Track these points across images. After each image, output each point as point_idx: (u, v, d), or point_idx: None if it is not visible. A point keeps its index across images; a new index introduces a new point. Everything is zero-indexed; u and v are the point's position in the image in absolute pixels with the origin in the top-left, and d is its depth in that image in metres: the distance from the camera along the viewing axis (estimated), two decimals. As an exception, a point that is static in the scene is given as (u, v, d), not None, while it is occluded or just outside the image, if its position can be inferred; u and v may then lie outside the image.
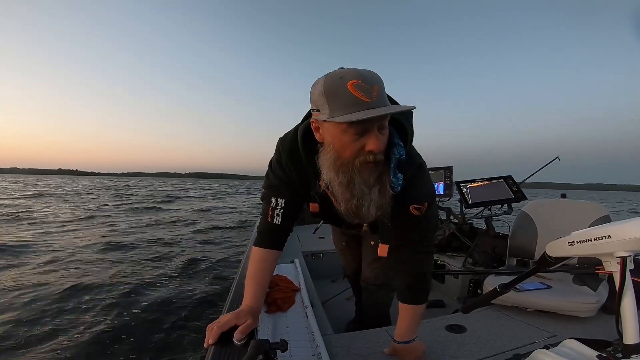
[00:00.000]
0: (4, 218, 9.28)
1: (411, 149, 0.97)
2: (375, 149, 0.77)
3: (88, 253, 5.48)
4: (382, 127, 0.79)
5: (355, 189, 0.84)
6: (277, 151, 1.03)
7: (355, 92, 0.72)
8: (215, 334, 0.93)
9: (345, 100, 0.74)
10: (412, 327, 1.09)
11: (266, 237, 1.09)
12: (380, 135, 0.78)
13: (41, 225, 8.39)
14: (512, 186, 2.47)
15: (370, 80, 0.74)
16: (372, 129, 0.77)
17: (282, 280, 1.55)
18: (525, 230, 1.97)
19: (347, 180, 0.84)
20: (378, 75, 0.77)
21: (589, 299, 1.40)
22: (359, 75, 0.74)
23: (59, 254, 5.29)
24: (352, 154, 0.80)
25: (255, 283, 1.07)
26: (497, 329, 1.35)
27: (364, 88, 0.73)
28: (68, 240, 6.54)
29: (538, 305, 1.44)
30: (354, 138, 0.78)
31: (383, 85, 0.77)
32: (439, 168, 2.85)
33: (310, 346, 1.04)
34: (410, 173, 0.92)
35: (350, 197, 0.86)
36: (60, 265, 4.67)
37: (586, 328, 1.35)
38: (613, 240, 0.61)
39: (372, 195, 0.85)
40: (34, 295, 3.47)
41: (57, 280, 3.97)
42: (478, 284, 2.14)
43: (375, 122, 0.76)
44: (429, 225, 1.03)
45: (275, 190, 1.06)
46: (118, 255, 5.45)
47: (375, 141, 0.77)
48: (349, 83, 0.73)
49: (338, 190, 0.86)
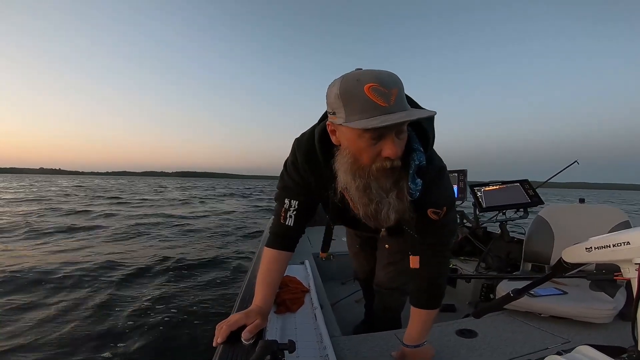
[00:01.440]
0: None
1: (432, 153, 0.95)
2: (392, 155, 0.75)
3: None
4: (401, 132, 0.77)
5: (373, 194, 0.84)
6: (293, 152, 1.02)
7: (372, 96, 0.70)
8: (224, 332, 0.94)
9: (361, 104, 0.71)
10: (423, 331, 1.07)
11: (278, 238, 1.10)
12: (397, 140, 0.76)
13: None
14: (528, 190, 2.42)
15: (389, 83, 0.71)
16: (389, 135, 0.75)
17: (292, 281, 1.55)
18: (541, 235, 1.93)
19: (364, 185, 0.83)
20: (397, 77, 0.74)
21: (606, 306, 1.36)
22: (377, 78, 0.71)
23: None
24: (368, 159, 0.79)
25: (265, 283, 1.08)
26: (509, 334, 1.32)
27: (381, 92, 0.70)
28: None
29: (552, 311, 1.41)
30: (370, 143, 0.76)
31: (402, 87, 0.75)
32: (453, 171, 2.81)
33: (318, 348, 1.04)
34: (430, 177, 0.90)
35: (368, 202, 0.85)
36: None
37: (601, 334, 1.31)
38: (632, 246, 0.60)
39: (390, 199, 0.84)
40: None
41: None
42: (491, 289, 2.10)
43: (393, 128, 0.74)
44: (447, 229, 1.01)
45: (289, 192, 1.06)
46: (130, 250, 5.55)
47: (392, 147, 0.75)
48: (365, 86, 0.70)
49: (355, 194, 0.85)
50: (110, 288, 3.79)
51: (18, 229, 7.56)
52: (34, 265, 4.45)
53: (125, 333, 2.79)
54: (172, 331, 2.85)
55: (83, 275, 4.16)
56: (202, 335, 2.78)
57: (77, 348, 2.53)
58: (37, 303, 3.32)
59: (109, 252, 5.54)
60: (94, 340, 2.65)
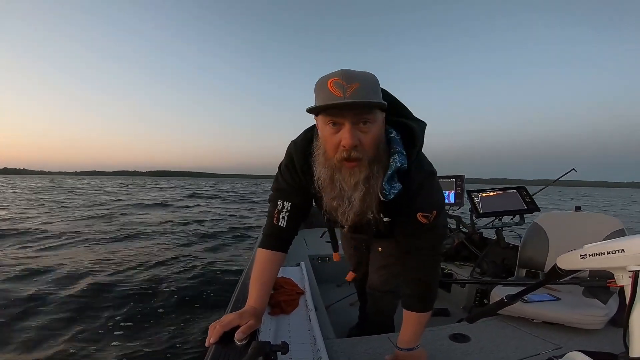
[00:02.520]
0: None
1: (422, 157, 0.98)
2: (345, 143, 0.80)
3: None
4: (361, 124, 0.80)
5: (335, 187, 0.88)
6: (288, 155, 1.05)
7: (331, 89, 0.77)
8: (217, 333, 0.93)
9: (323, 95, 0.79)
10: (416, 334, 1.08)
11: (271, 239, 1.10)
12: (357, 132, 0.80)
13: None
14: (525, 197, 2.43)
15: (351, 79, 0.77)
16: (345, 124, 0.79)
17: (287, 282, 1.55)
18: (536, 241, 1.94)
19: (330, 177, 0.88)
20: (369, 76, 0.81)
21: (598, 312, 1.37)
22: (342, 74, 0.78)
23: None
24: (331, 148, 0.84)
25: (259, 284, 1.08)
26: (502, 339, 1.32)
27: (340, 85, 0.77)
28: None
29: (545, 317, 1.42)
30: (331, 131, 0.82)
31: (371, 85, 0.80)
32: (450, 176, 2.82)
33: (312, 350, 1.04)
34: (419, 181, 0.93)
35: (332, 195, 0.90)
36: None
37: (593, 341, 1.32)
38: (626, 254, 0.60)
39: (353, 199, 0.87)
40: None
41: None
42: (485, 294, 2.11)
43: (345, 116, 0.79)
44: (437, 233, 1.03)
45: (283, 194, 1.08)
46: (121, 252, 5.52)
47: (345, 135, 0.79)
48: (329, 80, 0.78)
49: (325, 186, 0.90)
50: (99, 288, 3.76)
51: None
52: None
53: (117, 334, 2.77)
54: (164, 331, 2.83)
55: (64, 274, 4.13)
56: (195, 335, 2.76)
57: (68, 347, 2.51)
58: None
59: (95, 254, 5.50)
60: (87, 340, 2.63)
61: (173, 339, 2.70)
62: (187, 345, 2.63)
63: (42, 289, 3.59)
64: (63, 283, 3.85)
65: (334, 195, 0.89)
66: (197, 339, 2.71)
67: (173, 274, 4.37)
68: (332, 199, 0.90)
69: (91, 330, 2.79)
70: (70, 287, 3.70)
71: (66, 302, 3.30)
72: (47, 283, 3.83)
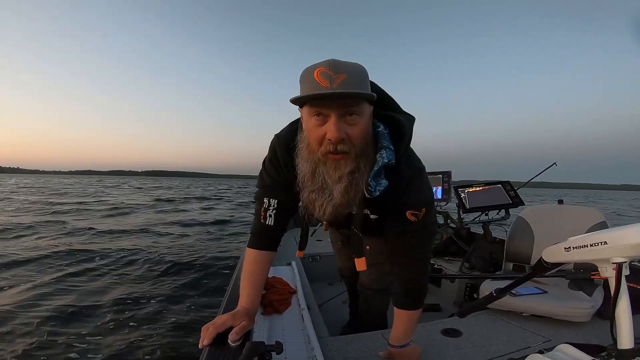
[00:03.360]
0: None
1: (410, 152, 0.96)
2: (330, 136, 0.76)
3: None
4: (347, 116, 0.77)
5: (317, 180, 0.85)
6: (272, 149, 1.01)
7: (318, 79, 0.74)
8: (210, 334, 0.92)
9: (308, 85, 0.75)
10: (408, 331, 1.08)
11: (259, 238, 1.08)
12: (344, 125, 0.77)
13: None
14: (509, 191, 2.47)
15: (338, 68, 0.74)
16: (331, 116, 0.76)
17: (279, 282, 1.54)
18: (522, 235, 1.98)
19: (312, 171, 0.84)
20: (357, 67, 0.77)
21: (584, 304, 1.40)
22: (329, 64, 0.74)
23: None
24: (315, 141, 0.80)
25: (250, 285, 1.06)
26: (493, 333, 1.35)
27: (326, 75, 0.73)
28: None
29: (534, 310, 1.45)
30: (316, 123, 0.78)
31: (359, 77, 0.77)
32: (438, 172, 2.85)
33: (306, 349, 1.04)
34: (407, 177, 0.91)
35: (312, 188, 0.86)
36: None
37: (581, 333, 1.35)
38: (609, 246, 0.62)
39: (335, 192, 0.83)
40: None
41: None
42: (474, 288, 2.14)
43: (331, 107, 0.75)
44: (427, 231, 1.01)
45: (268, 191, 1.05)
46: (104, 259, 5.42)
47: (331, 128, 0.76)
48: (315, 70, 0.74)
49: (306, 179, 0.86)
50: (91, 292, 3.70)
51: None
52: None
53: (109, 336, 2.73)
54: (157, 334, 2.80)
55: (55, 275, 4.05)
56: (188, 338, 2.74)
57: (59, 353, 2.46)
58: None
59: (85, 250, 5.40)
60: (76, 342, 2.58)
61: (166, 342, 2.68)
62: (180, 347, 2.60)
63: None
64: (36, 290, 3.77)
65: (313, 188, 0.86)
66: (190, 341, 2.69)
67: (161, 276, 4.33)
68: (311, 192, 0.86)
69: (80, 335, 2.74)
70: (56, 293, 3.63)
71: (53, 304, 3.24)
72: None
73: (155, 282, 4.09)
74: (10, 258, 4.93)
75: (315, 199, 0.86)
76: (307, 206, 0.91)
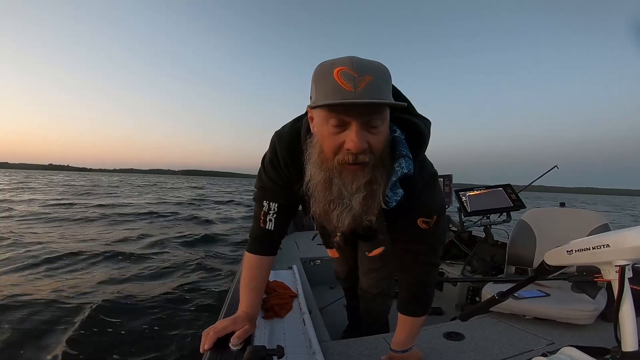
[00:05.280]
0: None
1: (423, 158, 0.91)
2: (352, 147, 0.68)
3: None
4: (370, 125, 0.69)
5: (333, 192, 0.78)
6: (273, 147, 0.94)
7: (339, 79, 0.65)
8: (211, 339, 0.92)
9: (328, 86, 0.67)
10: (410, 337, 1.07)
11: (259, 242, 1.05)
12: (365, 133, 0.69)
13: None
14: (511, 195, 2.47)
15: (362, 69, 0.65)
16: (352, 124, 0.68)
17: (280, 286, 1.54)
18: (523, 238, 1.97)
19: (325, 180, 0.77)
20: (382, 69, 0.69)
21: (587, 307, 1.39)
22: (351, 62, 0.66)
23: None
24: (330, 149, 0.72)
25: (250, 289, 1.05)
26: (495, 336, 1.34)
27: (350, 76, 0.65)
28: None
29: (536, 313, 1.44)
30: (333, 131, 0.70)
31: (384, 79, 0.69)
32: (439, 176, 2.84)
33: (307, 353, 1.03)
34: (421, 184, 0.86)
35: (324, 200, 0.80)
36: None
37: (584, 336, 1.34)
38: (612, 249, 0.61)
39: (353, 202, 0.77)
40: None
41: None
42: (476, 291, 2.13)
43: (354, 116, 0.67)
44: (436, 238, 0.98)
45: (268, 193, 1.00)
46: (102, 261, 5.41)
47: (353, 138, 0.67)
48: (336, 69, 0.65)
49: (319, 188, 0.79)
50: (90, 292, 3.69)
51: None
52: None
53: (109, 339, 2.71)
54: (158, 337, 2.79)
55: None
56: (189, 342, 2.73)
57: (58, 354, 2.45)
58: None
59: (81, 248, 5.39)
60: (76, 346, 2.57)
61: (166, 346, 2.66)
62: (180, 352, 2.59)
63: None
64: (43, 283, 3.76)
65: (330, 198, 0.79)
66: (190, 345, 2.67)
67: (162, 279, 4.31)
68: (329, 202, 0.80)
69: (80, 336, 2.73)
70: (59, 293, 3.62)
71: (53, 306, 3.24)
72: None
73: (160, 283, 4.08)
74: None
75: (334, 209, 0.80)
76: (321, 217, 0.85)
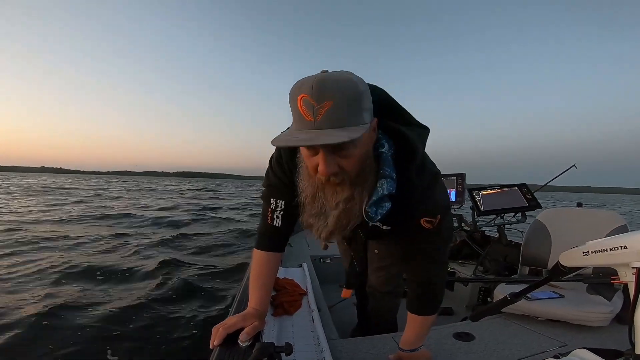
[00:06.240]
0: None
1: (423, 160, 0.89)
2: (321, 172, 0.71)
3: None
4: (338, 150, 0.70)
5: (316, 205, 0.82)
6: (277, 150, 0.98)
7: (301, 109, 0.65)
8: (221, 335, 0.93)
9: (294, 114, 0.68)
10: (420, 336, 1.07)
11: (267, 239, 1.07)
12: (335, 157, 0.70)
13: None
14: (526, 194, 2.43)
15: (322, 94, 0.63)
16: (320, 152, 0.70)
17: (290, 283, 1.55)
18: (539, 238, 1.94)
19: (312, 193, 0.81)
20: (347, 90, 0.65)
21: (603, 309, 1.36)
22: (312, 87, 0.64)
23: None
24: (311, 168, 0.76)
25: (259, 286, 1.06)
26: (506, 337, 1.32)
27: (309, 105, 0.64)
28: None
29: (549, 315, 1.41)
30: (307, 153, 0.74)
31: (348, 101, 0.65)
32: (451, 175, 2.82)
33: (315, 350, 1.03)
34: (422, 186, 0.86)
35: (312, 212, 0.84)
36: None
37: (598, 338, 1.32)
38: (629, 250, 0.60)
39: (329, 220, 0.81)
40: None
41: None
42: (488, 292, 2.11)
43: (318, 146, 0.69)
44: (442, 237, 0.99)
45: (275, 191, 1.02)
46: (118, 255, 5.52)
47: (321, 165, 0.70)
48: (299, 96, 0.65)
49: (307, 201, 0.84)
50: (101, 289, 3.76)
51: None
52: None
53: (120, 334, 2.77)
54: (168, 332, 2.83)
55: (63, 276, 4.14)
56: (198, 337, 2.76)
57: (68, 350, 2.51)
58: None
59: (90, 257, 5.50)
60: (84, 342, 2.62)
61: (176, 341, 2.71)
62: (190, 347, 2.63)
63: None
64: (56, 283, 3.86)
65: (313, 212, 0.84)
66: (200, 340, 2.71)
67: (173, 275, 4.37)
68: (310, 216, 0.85)
69: (89, 329, 2.79)
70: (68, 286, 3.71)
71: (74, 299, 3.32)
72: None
73: (166, 280, 4.14)
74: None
75: (313, 224, 0.85)
76: (307, 227, 0.90)
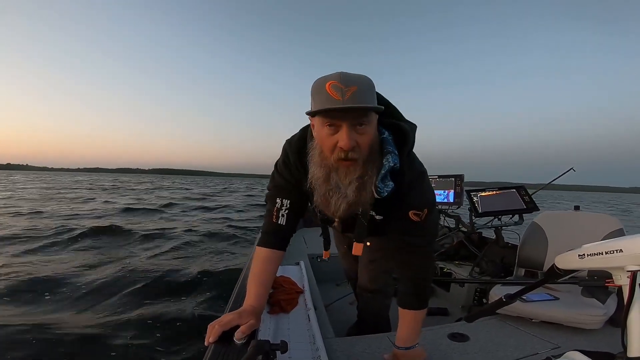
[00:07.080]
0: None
1: (413, 157, 1.02)
2: (343, 145, 0.82)
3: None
4: (357, 126, 0.83)
5: (331, 184, 0.91)
6: (284, 153, 1.08)
7: (329, 91, 0.79)
8: (216, 332, 0.93)
9: (321, 98, 0.81)
10: (413, 332, 1.09)
11: (271, 237, 1.11)
12: (354, 133, 0.83)
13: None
14: (524, 196, 2.43)
15: (348, 82, 0.79)
16: (343, 126, 0.82)
17: (287, 281, 1.55)
18: (535, 241, 1.94)
19: (325, 175, 0.90)
20: (366, 80, 0.83)
21: (596, 311, 1.37)
22: (340, 77, 0.80)
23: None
24: (327, 148, 0.86)
25: (258, 283, 1.07)
26: (501, 339, 1.33)
27: (338, 88, 0.79)
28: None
29: (544, 316, 1.42)
30: (329, 132, 0.84)
31: (368, 88, 0.83)
32: (450, 176, 2.82)
33: (311, 349, 1.04)
34: (410, 180, 0.97)
35: (325, 191, 0.92)
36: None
37: (591, 340, 1.32)
38: (624, 254, 0.61)
39: (348, 191, 0.89)
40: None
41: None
42: (484, 293, 2.11)
43: (343, 119, 0.81)
44: (429, 230, 1.07)
45: (281, 191, 1.09)
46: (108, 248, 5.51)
47: (343, 137, 0.82)
48: (327, 83, 0.80)
49: (319, 184, 0.92)
50: (97, 290, 3.75)
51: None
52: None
53: (114, 331, 2.76)
54: (163, 329, 2.83)
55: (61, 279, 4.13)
56: (193, 334, 2.76)
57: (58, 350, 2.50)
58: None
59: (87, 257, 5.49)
60: (82, 340, 2.62)
61: (170, 338, 2.70)
62: (185, 344, 2.63)
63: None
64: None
65: (329, 187, 0.92)
66: (195, 337, 2.71)
67: (169, 271, 4.36)
68: (327, 190, 0.92)
69: (86, 326, 2.79)
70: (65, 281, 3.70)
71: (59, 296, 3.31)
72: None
73: (162, 278, 4.13)
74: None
75: (332, 196, 0.92)
76: (322, 204, 0.97)
